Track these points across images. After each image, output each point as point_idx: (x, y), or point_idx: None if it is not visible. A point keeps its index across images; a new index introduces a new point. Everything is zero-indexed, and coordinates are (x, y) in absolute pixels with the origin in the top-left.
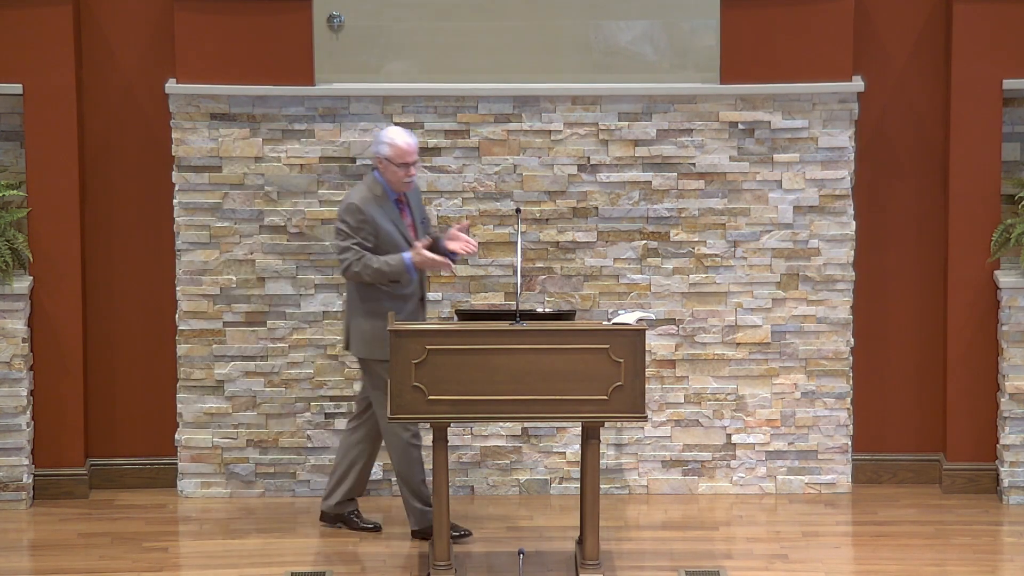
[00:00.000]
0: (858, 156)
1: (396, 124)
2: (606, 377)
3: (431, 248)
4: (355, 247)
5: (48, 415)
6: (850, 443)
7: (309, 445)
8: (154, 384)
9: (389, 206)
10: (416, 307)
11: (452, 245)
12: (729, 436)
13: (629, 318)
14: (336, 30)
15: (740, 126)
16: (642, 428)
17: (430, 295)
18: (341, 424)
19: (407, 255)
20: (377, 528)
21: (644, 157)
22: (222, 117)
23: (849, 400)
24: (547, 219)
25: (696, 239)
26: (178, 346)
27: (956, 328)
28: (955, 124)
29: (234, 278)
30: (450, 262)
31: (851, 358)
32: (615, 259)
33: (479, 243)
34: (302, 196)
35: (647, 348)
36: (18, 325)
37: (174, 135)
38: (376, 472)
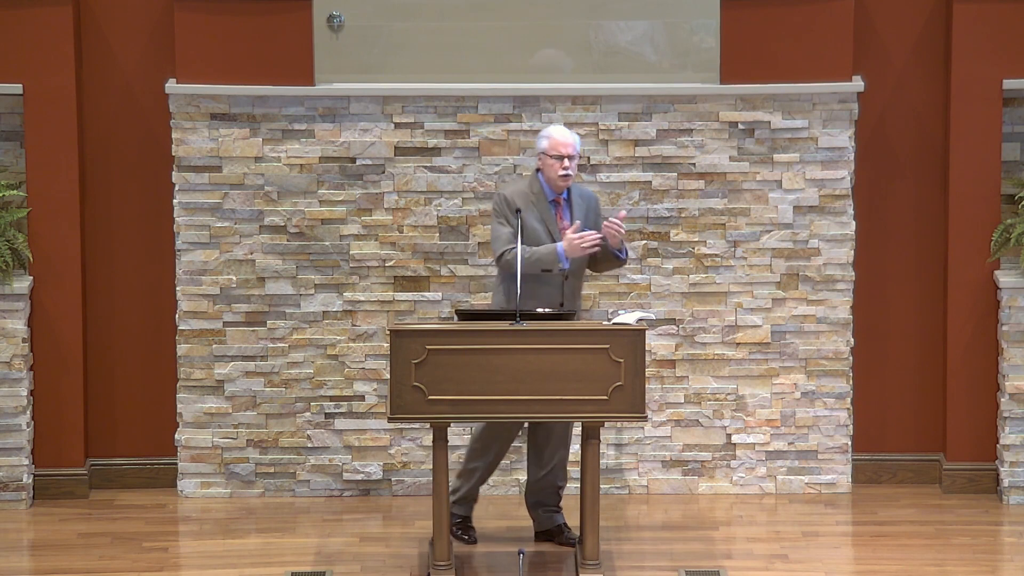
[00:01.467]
0: (858, 156)
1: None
2: (606, 377)
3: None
4: (507, 234)
5: (48, 415)
6: (850, 443)
7: (309, 445)
8: (154, 384)
9: (544, 205)
10: (556, 286)
11: (605, 231)
12: (729, 436)
13: (629, 318)
14: (336, 30)
15: (740, 126)
16: (642, 428)
17: (429, 295)
18: (341, 424)
19: (560, 244)
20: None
21: (644, 157)
22: (222, 117)
23: (849, 400)
24: None
25: (696, 239)
26: (178, 346)
27: (956, 328)
28: (955, 124)
29: (234, 278)
30: (597, 240)
31: (851, 358)
32: None
33: (478, 243)
34: (302, 196)
35: (647, 348)
36: (18, 325)
37: (174, 135)
38: (375, 472)
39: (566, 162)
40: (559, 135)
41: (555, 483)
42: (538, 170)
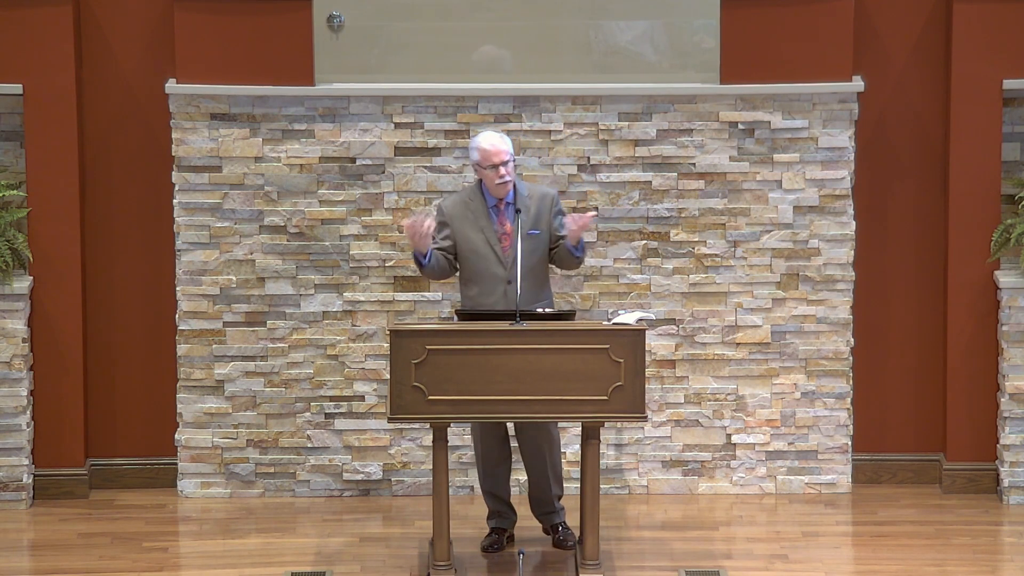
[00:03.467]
0: (858, 156)
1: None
2: (606, 377)
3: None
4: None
5: (48, 415)
6: (850, 443)
7: (309, 445)
8: (154, 384)
9: (481, 213)
10: (499, 295)
11: (567, 225)
12: (729, 436)
13: (629, 318)
14: (336, 30)
15: (740, 126)
16: (642, 428)
17: (429, 295)
18: (341, 424)
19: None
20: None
21: (644, 157)
22: (222, 117)
23: (849, 400)
24: None
25: (696, 239)
26: (178, 346)
27: (956, 328)
28: (955, 124)
29: (234, 278)
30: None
31: (851, 358)
32: (615, 259)
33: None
34: (302, 196)
35: (647, 348)
36: (18, 325)
37: (174, 135)
38: (375, 472)
39: (501, 170)
40: (487, 144)
41: (541, 487)
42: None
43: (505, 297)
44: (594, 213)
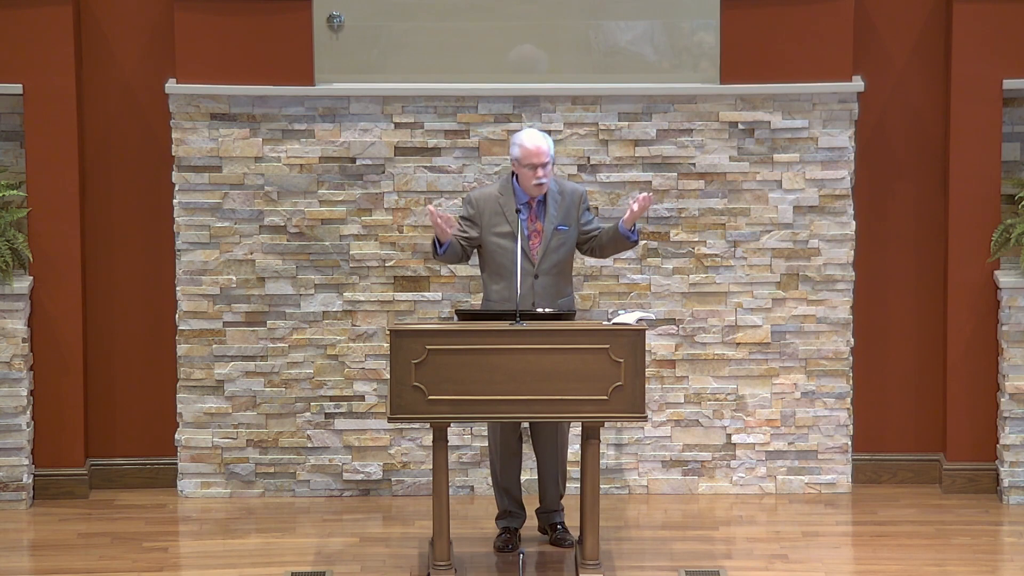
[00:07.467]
0: (858, 156)
1: (531, 127)
2: (606, 377)
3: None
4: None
5: (48, 415)
6: (850, 443)
7: (309, 445)
8: (154, 384)
9: (511, 209)
10: (527, 288)
11: (631, 207)
12: (729, 436)
13: (629, 318)
14: (336, 30)
15: (740, 126)
16: (642, 428)
17: (429, 295)
18: (341, 424)
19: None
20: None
21: (644, 157)
22: (222, 117)
23: (849, 400)
24: None
25: (696, 239)
26: (178, 346)
27: (956, 328)
28: (955, 124)
29: (234, 278)
30: (440, 218)
31: (851, 358)
32: (615, 259)
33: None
34: (302, 196)
35: (647, 348)
36: (18, 325)
37: (174, 135)
38: (375, 472)
39: (539, 171)
40: (531, 144)
41: (550, 485)
42: (513, 173)
43: (533, 291)
44: (650, 195)
